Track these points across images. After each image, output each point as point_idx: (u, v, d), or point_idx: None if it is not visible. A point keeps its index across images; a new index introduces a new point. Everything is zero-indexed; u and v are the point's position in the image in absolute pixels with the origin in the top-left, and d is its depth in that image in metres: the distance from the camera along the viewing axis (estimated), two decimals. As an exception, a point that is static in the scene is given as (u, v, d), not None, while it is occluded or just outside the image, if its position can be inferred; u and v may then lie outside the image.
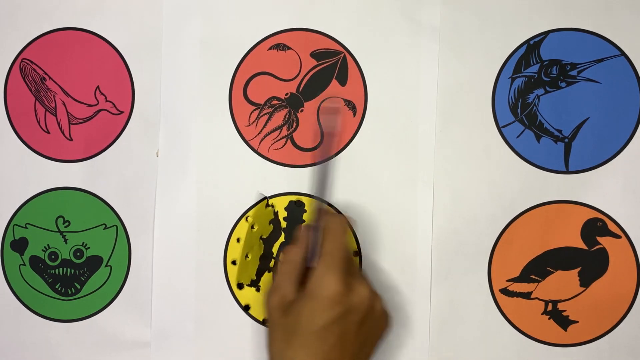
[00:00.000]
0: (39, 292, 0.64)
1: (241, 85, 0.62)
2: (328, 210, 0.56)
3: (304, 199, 0.61)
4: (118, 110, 0.63)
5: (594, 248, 0.59)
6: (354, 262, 0.56)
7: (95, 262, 0.63)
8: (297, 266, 0.53)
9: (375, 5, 0.61)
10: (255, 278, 0.62)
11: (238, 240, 0.61)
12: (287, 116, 0.61)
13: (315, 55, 0.61)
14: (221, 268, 0.62)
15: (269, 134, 0.61)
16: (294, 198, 0.61)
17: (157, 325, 0.62)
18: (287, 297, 0.52)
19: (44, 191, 0.63)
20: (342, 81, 0.61)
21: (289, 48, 0.61)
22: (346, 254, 0.53)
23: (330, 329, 0.50)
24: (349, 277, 0.52)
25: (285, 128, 0.61)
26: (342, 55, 0.61)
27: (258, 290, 0.62)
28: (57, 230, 0.63)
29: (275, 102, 0.61)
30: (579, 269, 0.59)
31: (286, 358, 0.50)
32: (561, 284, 0.59)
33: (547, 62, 0.59)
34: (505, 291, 0.60)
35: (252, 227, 0.61)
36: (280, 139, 0.61)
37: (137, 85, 0.63)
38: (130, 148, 0.63)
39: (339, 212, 0.60)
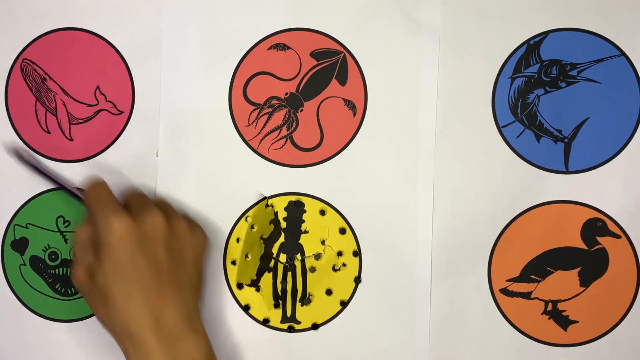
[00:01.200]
0: (39, 292, 0.64)
1: (241, 85, 0.62)
2: (86, 184, 0.58)
3: (304, 199, 0.61)
4: (118, 110, 0.63)
5: (594, 248, 0.59)
6: (140, 198, 0.56)
7: (95, 262, 0.63)
8: (89, 239, 0.53)
9: (375, 5, 0.61)
10: (255, 278, 0.62)
11: (238, 240, 0.61)
12: (286, 116, 0.61)
13: (315, 55, 0.61)
14: (221, 268, 0.62)
15: (268, 133, 0.61)
16: (293, 198, 0.61)
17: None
18: (89, 264, 0.52)
19: (45, 191, 0.64)
20: (342, 81, 0.61)
21: (288, 48, 0.61)
22: (111, 197, 0.54)
23: (136, 262, 0.51)
24: (134, 211, 0.53)
25: (285, 128, 0.61)
26: (342, 55, 0.61)
27: (258, 290, 0.62)
28: (57, 230, 0.63)
29: (274, 102, 0.61)
30: (579, 269, 0.59)
31: (111, 311, 0.51)
32: (561, 284, 0.59)
33: (547, 62, 0.59)
34: (505, 291, 0.60)
35: (252, 227, 0.61)
36: (280, 139, 0.61)
37: (137, 85, 0.63)
38: (130, 148, 0.63)
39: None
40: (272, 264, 0.62)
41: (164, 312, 0.51)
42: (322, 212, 0.61)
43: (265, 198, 0.61)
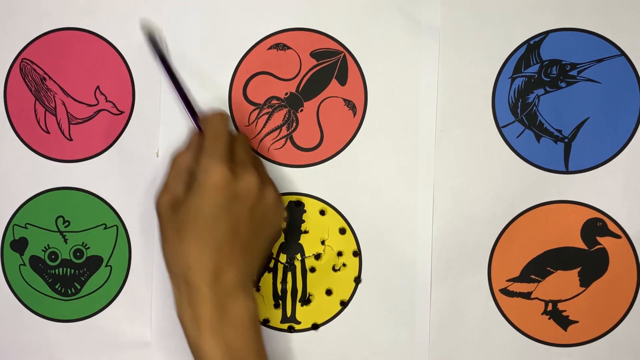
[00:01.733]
0: (39, 292, 0.64)
1: (241, 85, 0.62)
2: (208, 112, 0.57)
3: (304, 199, 0.61)
4: (118, 110, 0.63)
5: (594, 248, 0.59)
6: (243, 150, 0.56)
7: (95, 262, 0.63)
8: (187, 169, 0.54)
9: (375, 5, 0.61)
10: (255, 278, 0.62)
11: (238, 240, 0.61)
12: (286, 116, 0.61)
13: (315, 55, 0.61)
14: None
15: (268, 133, 0.61)
16: (293, 198, 0.61)
17: (157, 325, 0.62)
18: (177, 195, 0.53)
19: (44, 191, 0.63)
20: (342, 81, 0.61)
21: (288, 48, 0.61)
22: (226, 144, 0.53)
23: (219, 217, 0.51)
24: (236, 166, 0.53)
25: (284, 128, 0.61)
26: (342, 55, 0.61)
27: (258, 290, 0.62)
28: (57, 230, 0.63)
29: (274, 101, 0.61)
30: (579, 269, 0.59)
31: (178, 252, 0.51)
32: (561, 284, 0.59)
33: (547, 62, 0.59)
34: (505, 291, 0.60)
35: (252, 227, 0.61)
36: (280, 138, 0.61)
37: (137, 85, 0.63)
38: (130, 148, 0.63)
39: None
40: (272, 264, 0.62)
41: (226, 271, 0.52)
42: (322, 212, 0.61)
43: (265, 198, 0.61)
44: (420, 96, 0.60)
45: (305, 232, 0.61)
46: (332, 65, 0.61)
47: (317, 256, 0.61)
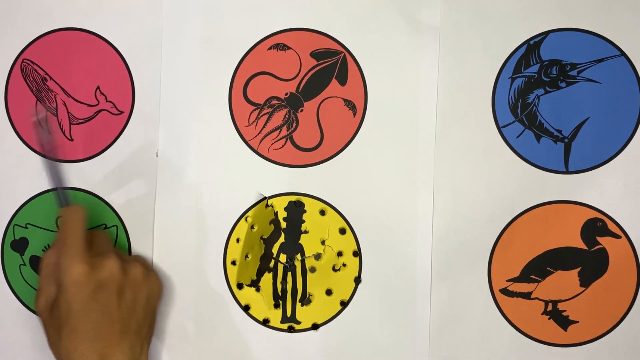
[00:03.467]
0: (39, 292, 0.64)
1: (241, 85, 0.62)
2: (67, 206, 0.59)
3: (304, 199, 0.61)
4: (118, 110, 0.63)
5: (594, 248, 0.59)
6: (102, 241, 0.59)
7: (95, 262, 0.63)
8: (53, 266, 0.56)
9: (375, 5, 0.61)
10: (255, 278, 0.62)
11: (238, 240, 0.61)
12: (286, 116, 0.61)
13: (315, 55, 0.61)
14: (221, 268, 0.62)
15: (268, 134, 0.61)
16: (293, 198, 0.61)
17: (157, 325, 0.62)
18: (50, 296, 0.56)
19: (44, 191, 0.63)
20: (342, 81, 0.61)
21: (288, 48, 0.61)
22: (80, 239, 0.56)
23: (88, 309, 0.54)
24: (94, 257, 0.56)
25: (285, 128, 0.61)
26: (342, 55, 0.61)
27: (258, 290, 0.62)
28: (57, 230, 0.63)
29: (275, 102, 0.61)
30: (579, 269, 0.59)
31: (62, 350, 0.54)
32: (561, 284, 0.59)
33: (547, 62, 0.59)
34: (505, 291, 0.60)
35: (252, 227, 0.61)
36: (280, 139, 0.61)
37: (137, 85, 0.63)
38: (130, 148, 0.63)
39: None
40: (272, 264, 0.62)
41: (111, 355, 0.54)
42: (322, 212, 0.61)
43: (265, 198, 0.61)
44: (420, 96, 0.60)
45: (305, 232, 0.61)
46: (332, 65, 0.61)
47: (317, 256, 0.61)
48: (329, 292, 0.61)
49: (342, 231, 0.61)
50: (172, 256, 0.62)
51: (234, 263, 0.62)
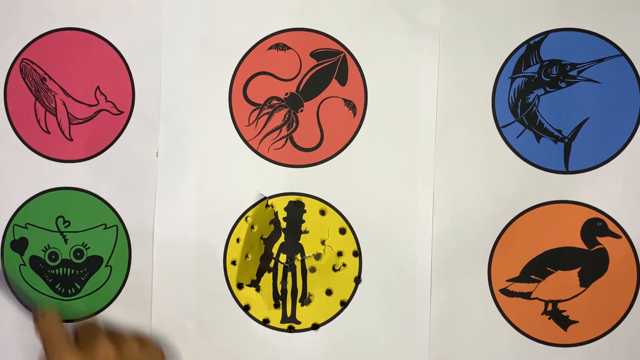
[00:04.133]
0: (39, 292, 0.64)
1: (241, 85, 0.62)
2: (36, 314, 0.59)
3: (304, 199, 0.61)
4: (118, 110, 0.63)
5: (594, 248, 0.59)
6: (89, 330, 0.58)
7: (95, 262, 0.63)
8: None
9: (375, 5, 0.61)
10: (255, 278, 0.62)
11: (238, 240, 0.61)
12: (286, 116, 0.61)
13: (315, 55, 0.61)
14: (221, 268, 0.62)
15: (268, 134, 0.61)
16: (293, 198, 0.61)
17: (157, 325, 0.62)
18: None
19: (44, 191, 0.63)
20: (342, 81, 0.61)
21: (288, 48, 0.61)
22: (65, 340, 0.55)
23: None
24: (85, 346, 0.55)
25: (285, 128, 0.61)
26: (342, 55, 0.61)
27: (258, 290, 0.62)
28: (57, 230, 0.63)
29: (275, 102, 0.61)
30: (579, 269, 0.59)
31: None
32: (561, 284, 0.59)
33: (547, 62, 0.59)
34: (505, 291, 0.60)
35: (252, 227, 0.61)
36: (280, 139, 0.61)
37: (137, 85, 0.63)
38: (130, 148, 0.63)
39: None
40: (272, 264, 0.62)
41: None
42: (322, 212, 0.61)
43: (265, 198, 0.61)
44: (420, 96, 0.60)
45: (305, 232, 0.61)
46: (332, 65, 0.61)
47: (317, 256, 0.61)
48: (329, 292, 0.61)
49: (342, 231, 0.61)
50: (172, 256, 0.62)
51: (234, 263, 0.62)
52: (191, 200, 0.62)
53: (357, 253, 0.61)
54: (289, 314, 0.62)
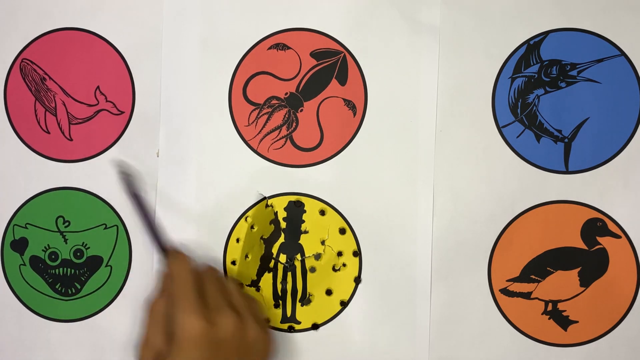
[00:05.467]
0: (39, 292, 0.64)
1: (241, 85, 0.62)
2: (169, 251, 0.57)
3: (304, 199, 0.61)
4: (118, 110, 0.63)
5: (594, 248, 0.59)
6: (216, 291, 0.55)
7: (95, 262, 0.63)
8: (163, 317, 0.52)
9: (375, 5, 0.61)
10: (255, 278, 0.62)
11: (238, 240, 0.61)
12: (286, 116, 0.61)
13: (315, 55, 0.61)
14: (221, 268, 0.62)
15: (268, 133, 0.61)
16: (293, 198, 0.61)
17: None
18: (158, 349, 0.51)
19: (44, 191, 0.63)
20: (342, 81, 0.61)
21: (288, 48, 0.61)
22: (193, 290, 0.52)
23: None
24: (211, 311, 0.52)
25: (284, 128, 0.61)
26: (342, 55, 0.61)
27: (258, 290, 0.62)
28: (57, 230, 0.63)
29: (274, 101, 0.61)
30: (579, 269, 0.59)
31: None
32: (561, 284, 0.59)
33: (547, 62, 0.59)
34: (505, 291, 0.60)
35: (252, 227, 0.61)
36: (280, 138, 0.61)
37: (137, 85, 0.63)
38: (130, 148, 0.63)
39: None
40: (272, 264, 0.62)
41: None
42: (322, 212, 0.61)
43: (265, 198, 0.61)
44: (420, 96, 0.60)
45: (305, 232, 0.61)
46: (332, 65, 0.61)
47: (317, 256, 0.61)
48: (329, 292, 0.61)
49: (342, 231, 0.61)
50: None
51: (234, 263, 0.62)
52: (191, 200, 0.62)
53: (357, 253, 0.61)
54: (289, 314, 0.62)
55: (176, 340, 0.51)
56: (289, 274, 0.62)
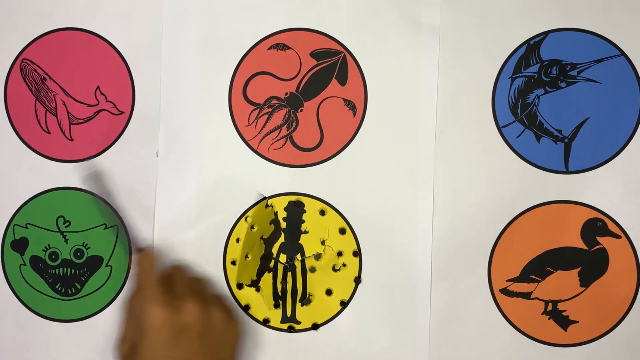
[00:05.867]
0: (39, 292, 0.64)
1: (241, 85, 0.62)
2: (138, 250, 0.59)
3: (304, 199, 0.61)
4: (118, 110, 0.63)
5: (594, 248, 0.59)
6: (183, 280, 0.57)
7: (95, 262, 0.63)
8: (135, 311, 0.55)
9: (375, 5, 0.61)
10: (255, 278, 0.62)
11: (238, 240, 0.61)
12: (286, 116, 0.61)
13: (315, 55, 0.61)
14: (221, 268, 0.62)
15: (268, 133, 0.61)
16: (293, 198, 0.61)
17: None
18: (132, 342, 0.53)
19: (44, 191, 0.64)
20: (342, 81, 0.61)
21: (288, 48, 0.61)
22: (155, 283, 0.55)
23: (170, 355, 0.52)
24: (174, 300, 0.53)
25: (284, 128, 0.61)
26: (342, 55, 0.61)
27: (258, 290, 0.62)
28: (57, 230, 0.63)
29: (274, 101, 0.61)
30: (579, 269, 0.59)
31: None
32: (561, 284, 0.59)
33: (547, 62, 0.59)
34: (505, 291, 0.60)
35: (252, 227, 0.61)
36: (280, 138, 0.61)
37: (137, 85, 0.63)
38: (130, 148, 0.63)
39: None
40: (272, 264, 0.62)
41: None
42: (322, 212, 0.61)
43: (265, 198, 0.61)
44: (420, 96, 0.60)
45: (305, 232, 0.61)
46: (332, 65, 0.61)
47: (317, 256, 0.61)
48: (329, 292, 0.61)
49: (342, 231, 0.61)
50: (172, 256, 0.62)
51: (234, 263, 0.62)
52: (191, 200, 0.62)
53: (357, 253, 0.61)
54: (289, 314, 0.62)
55: (141, 329, 0.52)
56: (289, 274, 0.62)
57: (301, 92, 0.61)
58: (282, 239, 0.62)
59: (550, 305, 0.59)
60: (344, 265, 0.61)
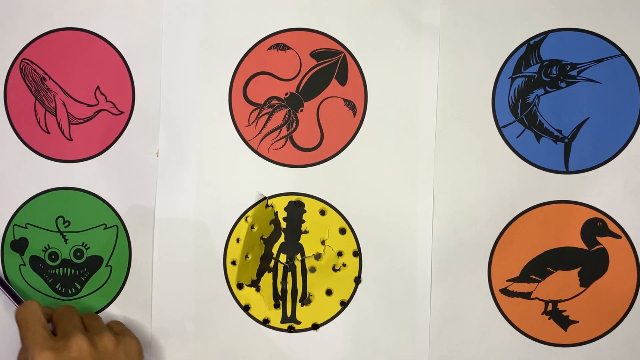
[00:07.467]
0: (39, 292, 0.64)
1: (241, 85, 0.62)
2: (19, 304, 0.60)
3: (304, 199, 0.61)
4: (118, 110, 0.63)
5: (594, 248, 0.59)
6: (66, 320, 0.58)
7: (95, 262, 0.63)
8: None
9: (375, 5, 0.61)
10: (255, 278, 0.62)
11: (238, 240, 0.61)
12: (286, 116, 0.61)
13: (315, 55, 0.61)
14: (221, 268, 0.62)
15: (268, 134, 0.61)
16: (293, 198, 0.61)
17: (157, 325, 0.62)
18: None
19: (44, 191, 0.63)
20: (342, 81, 0.61)
21: (288, 48, 0.61)
22: (39, 328, 0.56)
23: None
24: (59, 341, 0.55)
25: (285, 128, 0.61)
26: (342, 55, 0.61)
27: (258, 290, 0.62)
28: (57, 230, 0.63)
29: (274, 102, 0.61)
30: (579, 269, 0.59)
31: None
32: (561, 284, 0.59)
33: (547, 62, 0.59)
34: (505, 291, 0.60)
35: (252, 227, 0.61)
36: (280, 139, 0.61)
37: (137, 85, 0.63)
38: (130, 148, 0.63)
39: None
40: (272, 264, 0.62)
41: None
42: (322, 212, 0.61)
43: (265, 198, 0.61)
44: (420, 96, 0.60)
45: (305, 232, 0.62)
46: (332, 65, 0.61)
47: (317, 256, 0.61)
48: (329, 292, 0.61)
49: (342, 231, 0.61)
50: (172, 256, 0.62)
51: (234, 263, 0.62)
52: (191, 200, 0.62)
53: (357, 253, 0.61)
54: (289, 314, 0.62)
55: None
56: (289, 274, 0.62)
57: (301, 92, 0.61)
58: (282, 239, 0.62)
59: (551, 305, 0.59)
60: (344, 265, 0.61)
